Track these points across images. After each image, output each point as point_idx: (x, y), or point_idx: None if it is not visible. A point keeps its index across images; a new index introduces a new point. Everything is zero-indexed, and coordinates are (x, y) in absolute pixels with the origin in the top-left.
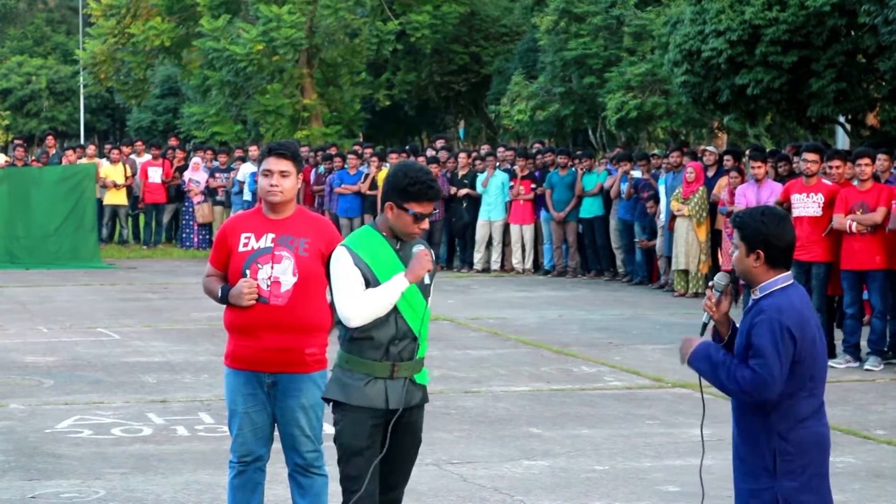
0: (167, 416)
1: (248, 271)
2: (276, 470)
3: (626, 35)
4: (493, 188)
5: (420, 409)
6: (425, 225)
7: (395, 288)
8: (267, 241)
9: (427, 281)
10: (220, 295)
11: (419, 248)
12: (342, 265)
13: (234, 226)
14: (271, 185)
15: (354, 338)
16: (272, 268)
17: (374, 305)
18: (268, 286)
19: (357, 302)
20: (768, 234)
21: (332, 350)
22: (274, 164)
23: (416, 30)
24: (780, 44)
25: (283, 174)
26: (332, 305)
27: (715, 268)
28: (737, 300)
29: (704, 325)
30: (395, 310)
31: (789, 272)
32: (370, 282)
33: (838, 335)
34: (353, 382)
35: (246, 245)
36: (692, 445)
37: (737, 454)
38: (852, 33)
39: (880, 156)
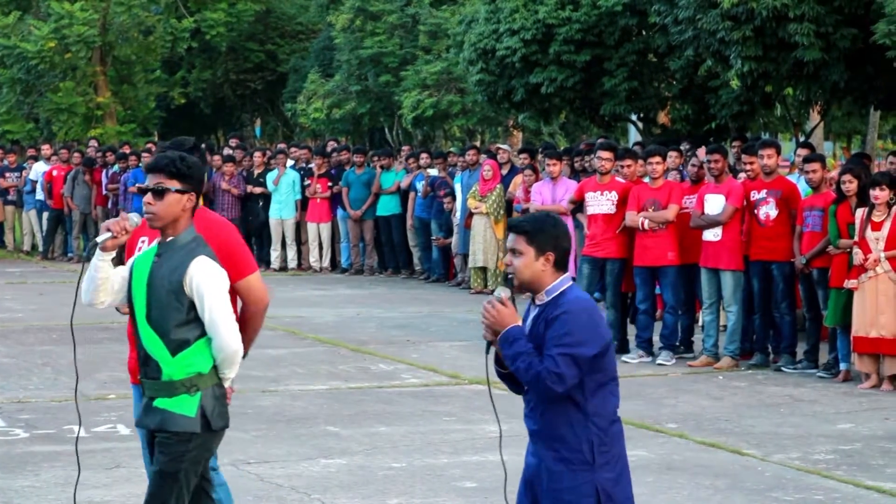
0: None
1: None
2: None
3: (421, 33)
4: (284, 186)
5: (169, 437)
6: (149, 199)
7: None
8: None
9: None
10: None
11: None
12: None
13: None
14: None
15: None
16: None
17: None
18: None
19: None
20: (558, 237)
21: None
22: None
23: (211, 27)
24: (573, 43)
25: None
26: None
27: None
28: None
29: (488, 343)
30: (133, 321)
31: (568, 273)
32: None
33: (631, 331)
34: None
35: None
36: (489, 441)
37: (546, 446)
38: (643, 33)
39: (671, 153)
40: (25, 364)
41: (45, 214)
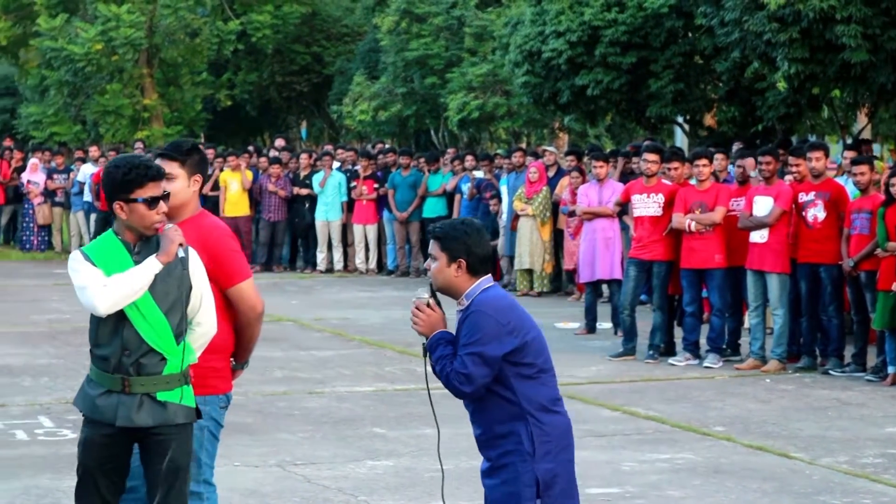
0: (6, 419)
1: None
2: None
3: (467, 36)
4: (330, 188)
5: (178, 430)
6: (164, 209)
7: (144, 269)
8: None
9: (173, 287)
10: None
11: (168, 227)
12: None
13: None
14: None
15: (91, 348)
16: None
17: (121, 289)
18: None
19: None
20: (470, 243)
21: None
22: None
23: (256, 30)
24: (619, 45)
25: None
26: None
27: (558, 267)
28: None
29: (424, 347)
30: (124, 319)
31: (489, 275)
32: None
33: (678, 333)
34: (92, 392)
35: None
36: None
37: (492, 446)
38: (689, 35)
39: (718, 156)
40: (73, 365)
41: (93, 216)
